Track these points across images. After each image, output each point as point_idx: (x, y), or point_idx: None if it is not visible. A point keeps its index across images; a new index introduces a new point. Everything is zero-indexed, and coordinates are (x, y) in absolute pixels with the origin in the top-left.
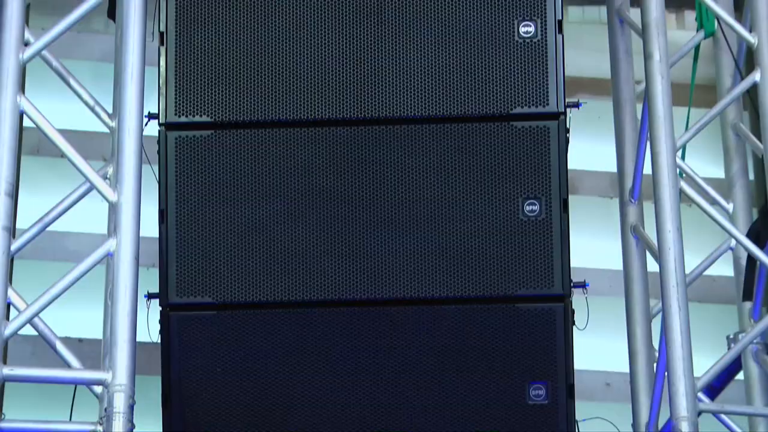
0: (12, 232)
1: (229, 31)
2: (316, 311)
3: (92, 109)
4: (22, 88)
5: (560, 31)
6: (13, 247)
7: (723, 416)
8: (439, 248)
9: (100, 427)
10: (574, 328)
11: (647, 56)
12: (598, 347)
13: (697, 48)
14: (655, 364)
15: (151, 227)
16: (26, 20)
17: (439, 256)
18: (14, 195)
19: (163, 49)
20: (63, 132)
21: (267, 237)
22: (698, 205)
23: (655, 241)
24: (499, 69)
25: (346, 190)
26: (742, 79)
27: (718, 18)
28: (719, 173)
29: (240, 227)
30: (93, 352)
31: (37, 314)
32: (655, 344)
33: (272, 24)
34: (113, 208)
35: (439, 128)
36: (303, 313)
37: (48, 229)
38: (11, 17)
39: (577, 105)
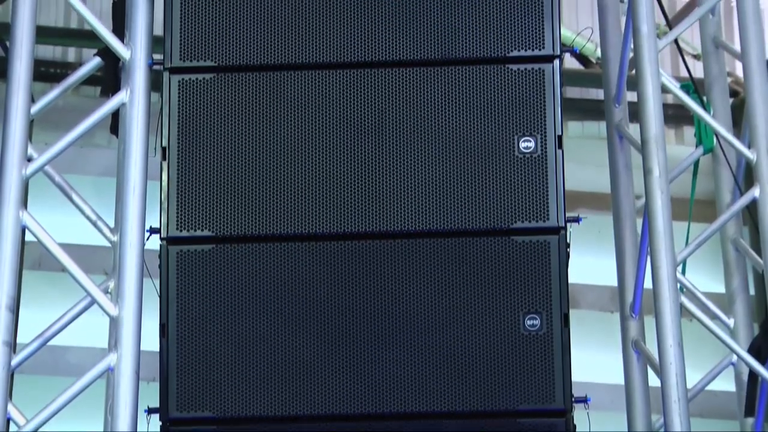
0: (13, 346)
1: (230, 147)
2: (321, 425)
3: (94, 224)
4: (24, 202)
5: (560, 146)
6: (14, 362)
7: None
8: (440, 362)
9: None
10: None
11: (647, 171)
12: None
13: (696, 163)
14: None
15: (151, 341)
16: (29, 135)
17: (440, 370)
18: (15, 309)
19: (165, 164)
20: (65, 246)
21: (268, 351)
22: (699, 320)
23: (656, 356)
24: (500, 184)
25: (347, 304)
26: (742, 194)
27: (717, 134)
28: (720, 288)
29: (241, 341)
30: None
31: (37, 430)
32: None
33: (273, 141)
34: (114, 323)
35: (440, 242)
36: (306, 427)
37: (49, 343)
38: (14, 133)
39: (577, 220)
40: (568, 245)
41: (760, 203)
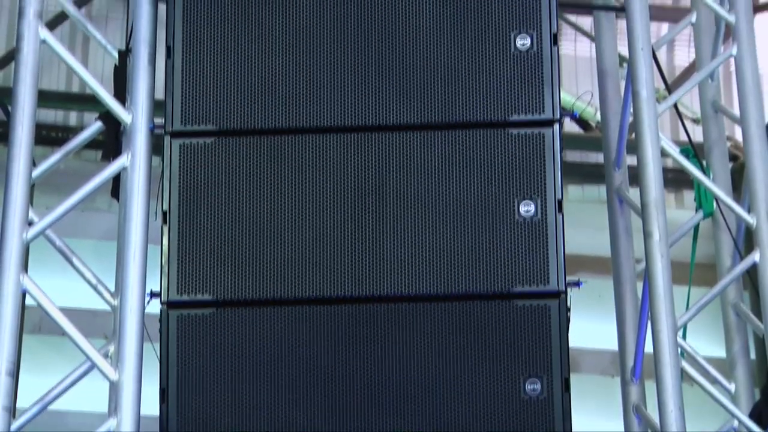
0: (12, 411)
1: (231, 211)
2: None
3: (95, 288)
4: (24, 266)
5: (560, 210)
6: (13, 427)
7: None
8: (442, 429)
9: None
10: None
11: (647, 235)
12: None
13: (696, 227)
14: None
15: (151, 406)
16: (30, 199)
17: None
18: (15, 374)
19: (165, 228)
20: (65, 310)
21: (270, 417)
22: (700, 385)
23: (657, 421)
24: (500, 247)
25: (348, 369)
26: (742, 259)
27: (717, 198)
28: (720, 353)
29: (242, 406)
30: None
31: None
32: None
33: (273, 205)
34: (114, 387)
35: (440, 306)
36: None
37: (49, 407)
38: (15, 197)
39: (577, 284)
40: (568, 309)
41: (761, 268)
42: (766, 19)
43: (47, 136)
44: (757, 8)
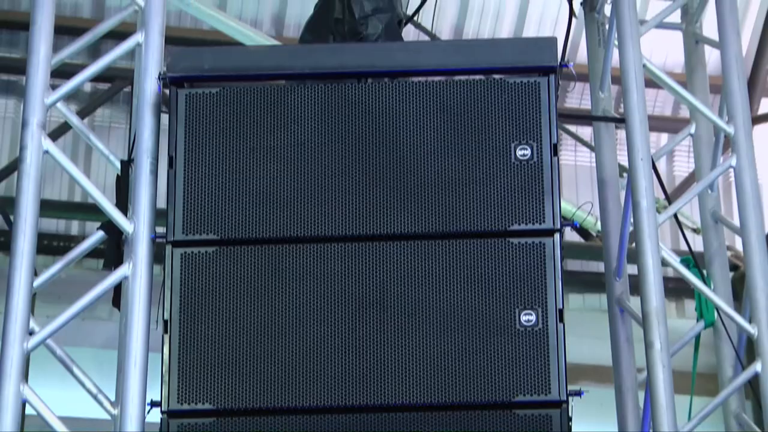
0: None
1: (232, 320)
2: None
3: (95, 397)
4: (25, 375)
5: (561, 319)
6: None
7: None
8: None
9: None
10: None
11: (648, 345)
12: None
13: (697, 337)
14: None
15: None
16: (32, 309)
17: None
18: None
19: (166, 337)
20: (65, 420)
21: None
22: None
23: None
24: (501, 357)
25: None
26: (744, 369)
27: (718, 308)
28: None
29: None
30: None
31: None
32: None
33: (275, 314)
34: None
35: (441, 416)
36: None
37: None
38: (17, 307)
39: (579, 393)
40: (570, 418)
41: (762, 378)
42: (764, 130)
43: (49, 246)
44: (756, 119)
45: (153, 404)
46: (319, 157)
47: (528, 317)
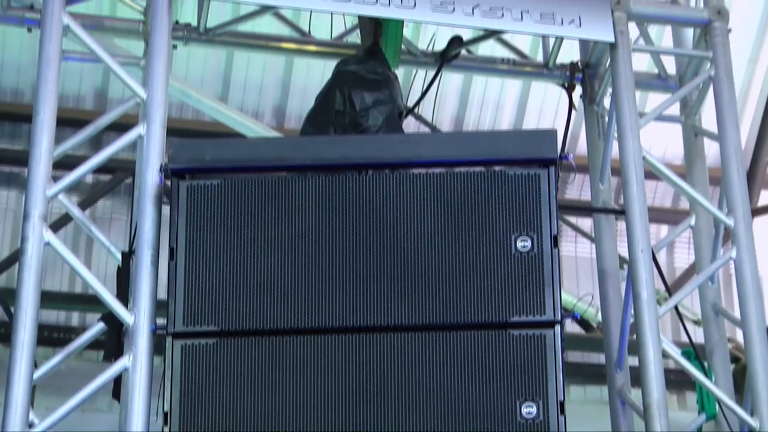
0: None
1: (232, 411)
2: None
3: None
4: None
5: (563, 411)
6: None
7: None
8: None
9: None
10: None
11: None
12: None
13: (699, 430)
14: None
15: None
16: (31, 401)
17: None
18: None
19: (166, 429)
20: None
21: None
22: None
23: None
24: None
25: None
26: None
27: (719, 401)
28: None
29: None
30: None
31: None
32: None
33: (276, 404)
34: None
35: None
36: None
37: None
38: (16, 399)
39: None
40: None
41: None
42: (764, 222)
43: (49, 337)
44: (756, 212)
45: None
46: (320, 249)
47: (529, 409)
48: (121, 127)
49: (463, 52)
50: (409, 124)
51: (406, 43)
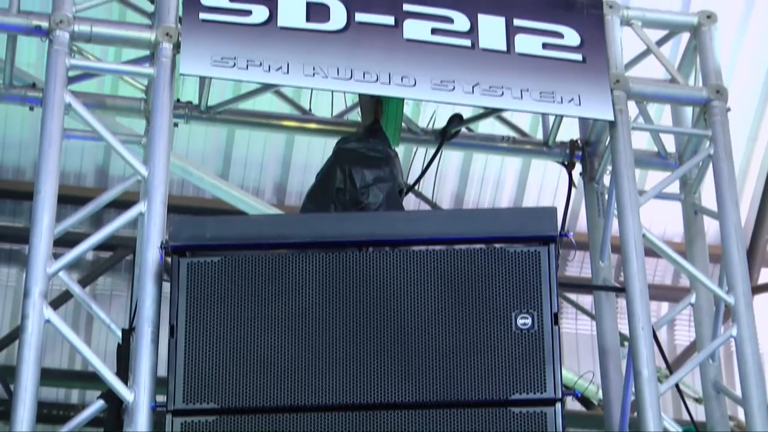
0: None
1: None
2: None
3: None
4: None
5: None
6: None
7: None
8: None
9: None
10: None
11: None
12: None
13: None
14: None
15: None
16: None
17: None
18: None
19: None
20: None
21: None
22: None
23: None
24: None
25: None
26: None
27: None
28: None
29: None
30: None
31: None
32: None
33: None
34: None
35: None
36: None
37: None
38: None
39: None
40: None
41: None
42: (765, 300)
43: (49, 414)
44: (756, 289)
45: None
46: (320, 326)
47: None
48: (121, 204)
49: (464, 129)
50: (410, 202)
51: (407, 121)
